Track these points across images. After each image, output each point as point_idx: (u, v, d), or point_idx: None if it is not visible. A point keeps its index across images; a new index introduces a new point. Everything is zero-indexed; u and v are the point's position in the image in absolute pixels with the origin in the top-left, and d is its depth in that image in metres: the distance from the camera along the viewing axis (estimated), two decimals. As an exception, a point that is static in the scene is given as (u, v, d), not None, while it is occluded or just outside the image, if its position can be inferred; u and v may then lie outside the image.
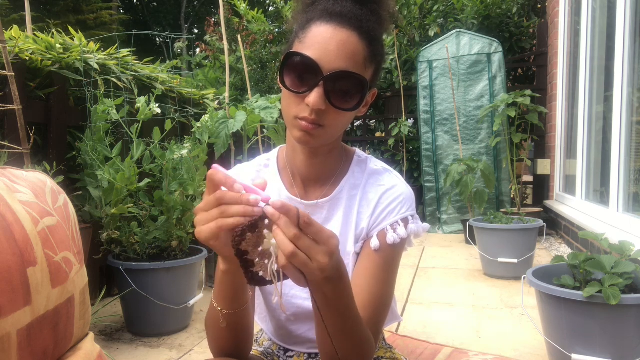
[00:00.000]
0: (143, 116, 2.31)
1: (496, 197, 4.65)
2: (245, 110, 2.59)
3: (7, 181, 0.66)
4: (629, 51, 2.81)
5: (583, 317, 1.51)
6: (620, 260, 1.55)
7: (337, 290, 0.64)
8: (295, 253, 0.55)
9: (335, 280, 0.62)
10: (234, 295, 0.71)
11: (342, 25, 0.74)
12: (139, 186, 2.20)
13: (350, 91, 0.74)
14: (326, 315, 0.66)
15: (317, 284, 0.62)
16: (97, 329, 2.21)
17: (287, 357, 0.94)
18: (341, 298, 0.65)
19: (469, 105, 4.65)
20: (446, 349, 1.09)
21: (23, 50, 2.30)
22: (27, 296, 0.59)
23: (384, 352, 0.96)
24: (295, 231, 0.55)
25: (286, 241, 0.55)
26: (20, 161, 1.89)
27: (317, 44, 0.73)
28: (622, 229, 2.74)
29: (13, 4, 10.31)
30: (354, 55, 0.73)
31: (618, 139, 2.88)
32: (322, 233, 0.57)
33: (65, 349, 0.70)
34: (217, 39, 6.21)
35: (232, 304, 0.72)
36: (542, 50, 4.99)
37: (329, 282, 0.61)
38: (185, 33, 17.91)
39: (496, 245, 3.02)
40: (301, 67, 0.73)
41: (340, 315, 0.67)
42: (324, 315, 0.66)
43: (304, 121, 0.74)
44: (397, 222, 0.83)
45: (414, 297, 2.68)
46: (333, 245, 0.58)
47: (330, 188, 0.87)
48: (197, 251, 2.34)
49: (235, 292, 0.71)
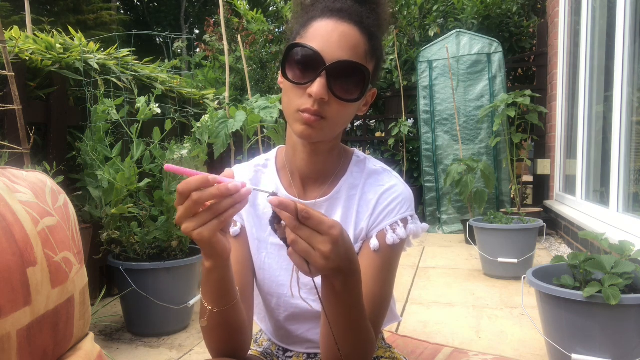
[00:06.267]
0: (143, 116, 2.31)
1: (496, 197, 4.65)
2: (245, 110, 2.59)
3: (7, 181, 0.66)
4: (629, 51, 2.81)
5: (583, 317, 1.51)
6: (620, 260, 1.55)
7: (348, 284, 0.64)
8: (295, 240, 0.58)
9: (346, 272, 0.63)
10: (223, 292, 0.71)
11: (343, 19, 0.75)
12: (139, 186, 2.20)
13: (353, 82, 0.74)
14: (333, 310, 0.66)
15: (326, 276, 0.63)
16: (97, 329, 2.21)
17: (287, 357, 0.94)
18: (351, 292, 0.65)
19: (469, 105, 4.65)
20: (446, 349, 1.09)
21: (23, 50, 2.30)
22: (27, 296, 0.59)
23: (384, 352, 0.96)
24: (295, 223, 0.58)
25: (289, 229, 0.58)
26: (20, 161, 1.89)
27: (319, 36, 0.74)
28: (622, 229, 2.74)
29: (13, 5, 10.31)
30: (356, 47, 0.74)
31: (618, 139, 2.88)
32: (322, 225, 0.58)
33: (65, 349, 0.70)
34: (216, 39, 6.21)
35: (222, 301, 0.72)
36: (542, 50, 4.99)
37: (340, 273, 0.62)
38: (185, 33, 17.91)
39: (496, 245, 3.02)
40: (303, 58, 0.74)
41: (349, 310, 0.67)
42: (330, 309, 0.66)
43: (306, 113, 0.74)
44: (397, 222, 0.83)
45: (414, 297, 2.68)
46: (334, 234, 0.59)
47: (328, 187, 0.87)
48: (197, 251, 2.33)
49: (224, 288, 0.71)
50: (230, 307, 0.73)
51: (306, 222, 0.58)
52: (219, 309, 0.72)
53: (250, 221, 0.88)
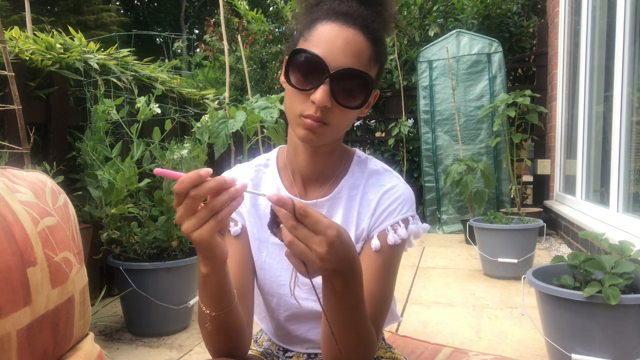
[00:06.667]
0: (143, 116, 2.31)
1: (496, 197, 4.65)
2: (245, 110, 2.59)
3: (7, 181, 0.66)
4: (629, 51, 2.81)
5: (583, 317, 1.50)
6: (620, 260, 1.55)
7: (348, 285, 0.64)
8: (292, 241, 0.58)
9: (347, 273, 0.62)
10: (220, 296, 0.71)
11: (348, 24, 0.74)
12: (139, 186, 2.20)
13: (356, 89, 0.74)
14: (333, 310, 0.66)
15: (326, 277, 0.62)
16: (97, 329, 2.21)
17: (287, 357, 0.94)
18: (352, 293, 0.65)
19: (469, 105, 4.65)
20: (446, 349, 1.09)
21: (23, 50, 2.30)
22: (27, 296, 0.59)
23: (384, 352, 0.96)
24: (292, 222, 0.57)
25: (285, 230, 0.58)
26: (20, 161, 1.89)
27: (323, 41, 0.73)
28: (622, 229, 2.74)
29: (13, 4, 10.31)
30: (360, 53, 0.74)
31: (618, 139, 2.88)
32: (318, 224, 0.58)
33: (65, 349, 0.70)
34: (216, 39, 6.21)
35: (219, 305, 0.72)
36: (542, 50, 4.99)
37: (339, 274, 0.62)
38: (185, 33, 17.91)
39: (496, 245, 3.02)
40: (307, 64, 0.73)
41: (349, 311, 0.67)
42: (330, 309, 0.66)
43: (308, 119, 0.74)
44: (398, 222, 0.83)
45: (414, 297, 2.68)
46: (330, 235, 0.58)
47: (329, 188, 0.87)
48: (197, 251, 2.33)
49: (221, 292, 0.71)
50: (229, 310, 0.73)
51: (303, 221, 0.57)
52: (217, 313, 0.72)
53: (252, 221, 0.88)
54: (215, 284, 0.69)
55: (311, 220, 0.58)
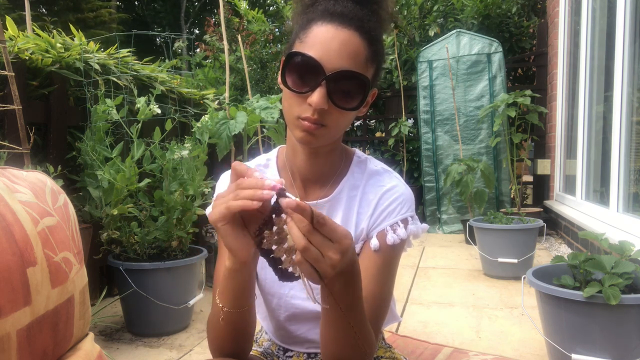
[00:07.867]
0: (143, 116, 2.31)
1: (496, 197, 4.65)
2: (245, 110, 2.59)
3: (7, 181, 0.66)
4: (629, 51, 2.81)
5: (583, 317, 1.51)
6: (620, 260, 1.55)
7: (348, 286, 0.64)
8: (307, 247, 0.57)
9: (347, 275, 0.63)
10: (239, 294, 0.71)
11: (343, 25, 0.74)
12: (139, 186, 2.20)
13: (353, 91, 0.74)
14: (332, 311, 0.66)
15: (329, 280, 0.63)
16: (97, 329, 2.21)
17: (287, 357, 0.94)
18: (351, 294, 0.66)
19: (469, 105, 4.65)
20: (446, 349, 1.09)
21: (23, 50, 2.30)
22: (27, 296, 0.59)
23: (384, 352, 0.96)
24: (309, 227, 0.57)
25: (300, 236, 0.57)
26: (20, 161, 1.89)
27: (318, 43, 0.73)
28: (622, 229, 2.74)
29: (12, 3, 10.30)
30: (356, 55, 0.73)
31: (618, 139, 2.88)
32: (335, 232, 0.58)
33: (65, 349, 0.70)
34: (217, 39, 6.21)
35: (236, 303, 0.72)
36: (542, 50, 4.99)
37: (341, 276, 0.62)
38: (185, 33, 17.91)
39: (496, 245, 3.02)
40: (303, 67, 0.73)
41: (348, 312, 0.67)
42: (330, 310, 0.66)
43: (306, 121, 0.74)
44: (397, 222, 0.83)
45: (414, 297, 2.68)
46: (346, 244, 0.59)
47: (330, 188, 0.87)
48: (197, 251, 2.33)
49: (241, 291, 0.71)
50: (245, 310, 0.73)
51: (321, 228, 0.57)
52: (230, 310, 0.72)
53: None
54: (237, 280, 0.70)
55: (328, 229, 0.58)
